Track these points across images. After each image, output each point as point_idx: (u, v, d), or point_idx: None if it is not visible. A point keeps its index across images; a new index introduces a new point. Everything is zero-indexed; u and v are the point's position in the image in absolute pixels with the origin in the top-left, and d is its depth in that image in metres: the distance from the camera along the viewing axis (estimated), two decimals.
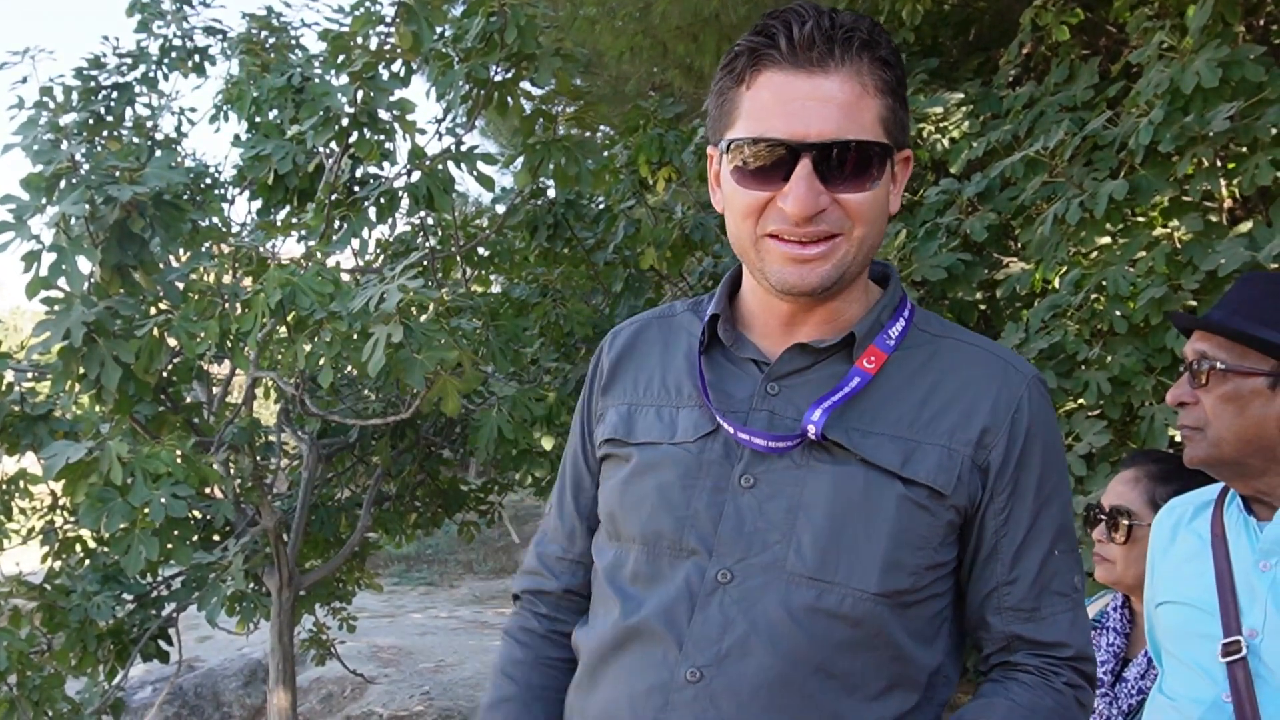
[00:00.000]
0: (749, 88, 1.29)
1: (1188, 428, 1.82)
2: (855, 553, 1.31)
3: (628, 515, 1.42)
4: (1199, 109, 3.59)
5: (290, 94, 4.46)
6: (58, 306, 3.72)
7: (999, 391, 1.37)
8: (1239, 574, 1.76)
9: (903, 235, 4.44)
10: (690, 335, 1.49)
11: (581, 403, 1.57)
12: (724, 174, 1.33)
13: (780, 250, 1.30)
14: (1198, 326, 1.84)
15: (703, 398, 1.40)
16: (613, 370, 1.53)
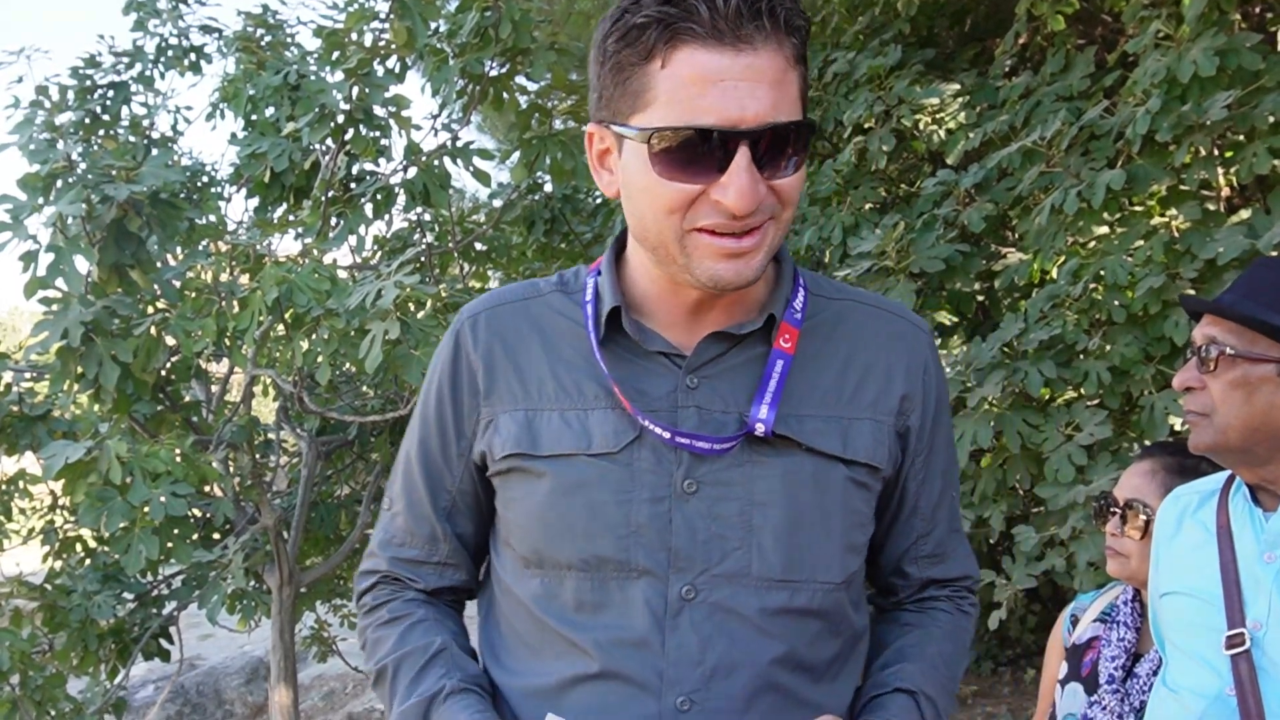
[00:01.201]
0: (664, 65, 1.13)
1: (1194, 413, 1.79)
2: (817, 546, 1.30)
3: (556, 541, 1.29)
4: (1196, 97, 3.58)
5: (286, 91, 4.45)
6: (55, 306, 3.72)
7: (909, 354, 1.38)
8: (1244, 565, 1.74)
9: (900, 226, 4.43)
10: (571, 322, 1.34)
11: (442, 399, 1.39)
12: (634, 162, 1.18)
13: (713, 246, 1.18)
14: (1207, 310, 1.81)
15: (619, 400, 1.28)
16: (488, 367, 1.35)
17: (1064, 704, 2.22)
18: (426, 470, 1.41)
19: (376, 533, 1.49)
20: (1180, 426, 3.56)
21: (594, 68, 1.22)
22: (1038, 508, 3.98)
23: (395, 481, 1.47)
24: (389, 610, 1.43)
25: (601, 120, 1.22)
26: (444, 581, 1.44)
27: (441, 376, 1.40)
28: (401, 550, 1.44)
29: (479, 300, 1.44)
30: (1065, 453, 3.64)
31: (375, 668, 1.40)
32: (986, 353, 3.93)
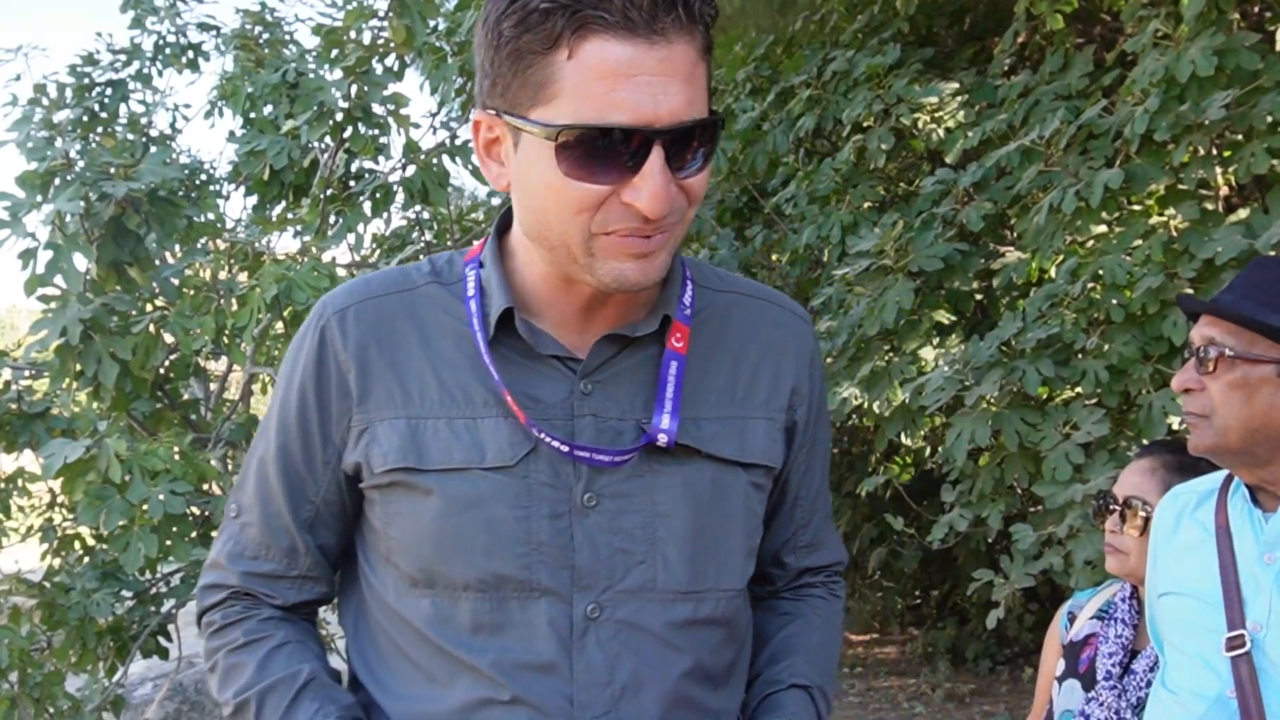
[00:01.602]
0: (572, 56, 1.04)
1: (1193, 414, 1.78)
2: (719, 554, 1.27)
3: (450, 560, 1.20)
4: (1194, 97, 3.58)
5: (285, 89, 4.45)
6: (54, 304, 3.71)
7: (797, 346, 1.35)
8: (1243, 566, 1.73)
9: (899, 225, 4.44)
10: (453, 319, 1.24)
11: (305, 402, 1.26)
12: (535, 158, 1.10)
13: (622, 247, 1.11)
14: (1206, 311, 1.80)
15: (511, 408, 1.19)
16: (361, 368, 1.23)
17: (1061, 701, 2.23)
18: (287, 479, 1.28)
19: (221, 542, 1.33)
20: (1178, 426, 3.56)
21: (484, 51, 1.12)
22: (1035, 506, 3.99)
23: (245, 488, 1.32)
24: (244, 632, 1.29)
25: (493, 109, 1.13)
26: (303, 596, 1.32)
27: (304, 377, 1.26)
28: (255, 564, 1.31)
29: (344, 291, 1.29)
30: (1063, 451, 3.64)
31: (234, 701, 1.26)
32: (984, 352, 3.94)
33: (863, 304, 4.47)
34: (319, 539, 1.31)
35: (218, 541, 1.34)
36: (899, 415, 4.35)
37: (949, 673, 7.21)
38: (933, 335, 4.52)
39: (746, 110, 5.94)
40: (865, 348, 4.56)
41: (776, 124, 5.68)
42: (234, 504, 1.34)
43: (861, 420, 4.93)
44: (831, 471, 5.61)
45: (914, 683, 7.22)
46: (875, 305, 4.37)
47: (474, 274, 1.25)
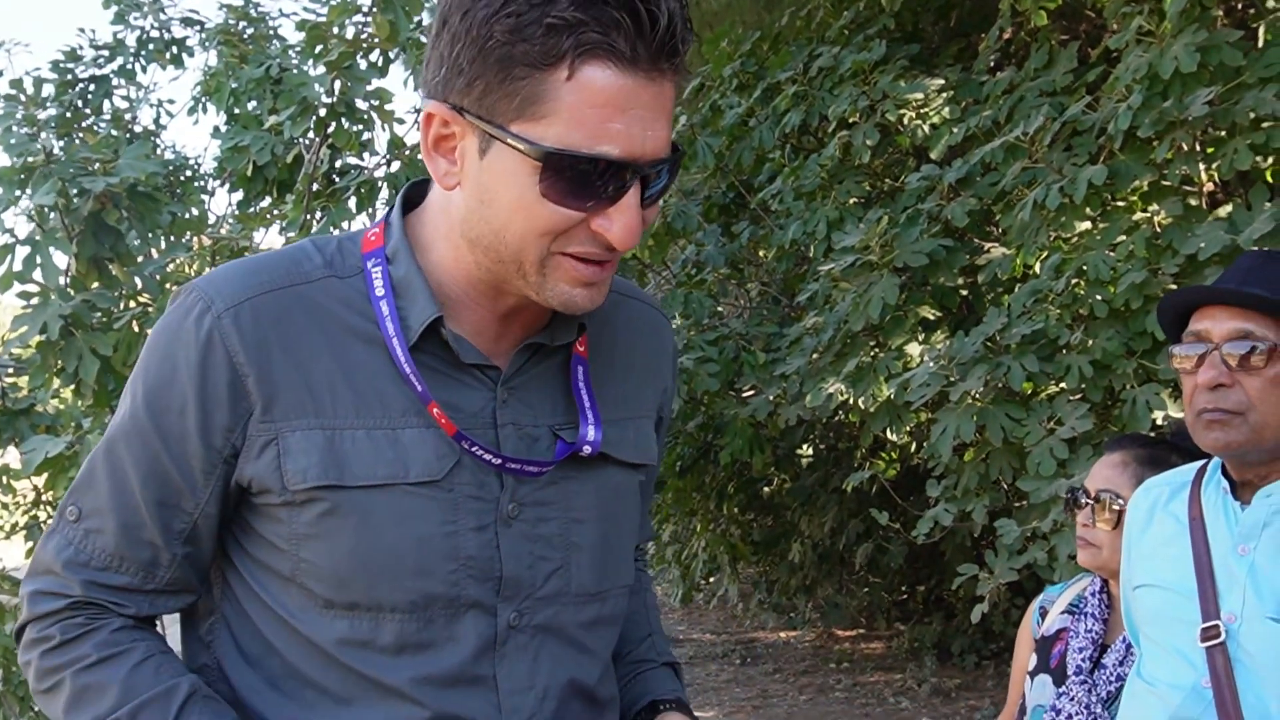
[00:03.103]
0: (570, 77, 1.01)
1: (1222, 411, 1.70)
2: (619, 553, 1.28)
3: (375, 584, 1.13)
4: (1177, 93, 3.59)
5: (268, 85, 4.44)
6: (34, 300, 3.70)
7: (664, 344, 1.36)
8: (1217, 558, 1.73)
9: (884, 221, 4.44)
10: (360, 319, 1.15)
11: (184, 406, 1.13)
12: (508, 172, 1.06)
13: (577, 272, 1.09)
14: (1241, 303, 1.72)
15: (433, 418, 1.14)
16: (263, 372, 1.12)
17: (1033, 695, 2.24)
18: (155, 490, 1.15)
19: (56, 547, 1.18)
20: (1162, 421, 3.58)
21: (458, 46, 1.04)
22: (1020, 501, 4.00)
23: (95, 491, 1.17)
24: (95, 646, 1.14)
25: (459, 107, 1.06)
26: (156, 609, 1.19)
27: (184, 378, 1.12)
28: (103, 575, 1.16)
29: (228, 280, 1.15)
30: (1047, 446, 3.65)
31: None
32: (969, 347, 3.95)
33: (848, 299, 4.48)
34: (191, 549, 1.18)
35: (49, 544, 1.18)
36: (884, 411, 4.36)
37: (935, 667, 7.23)
38: (918, 331, 4.53)
39: (733, 106, 5.94)
40: (851, 343, 4.57)
41: (763, 120, 5.69)
42: (73, 506, 1.18)
43: (847, 416, 4.94)
44: (817, 467, 5.65)
45: (900, 678, 7.24)
46: (861, 301, 4.37)
47: (380, 269, 1.16)
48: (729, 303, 6.65)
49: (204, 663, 1.22)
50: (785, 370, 4.84)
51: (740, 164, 5.89)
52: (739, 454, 5.60)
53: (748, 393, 5.55)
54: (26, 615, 1.18)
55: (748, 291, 6.70)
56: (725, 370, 5.25)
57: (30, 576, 1.19)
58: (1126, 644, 2.11)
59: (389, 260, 1.17)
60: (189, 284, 1.17)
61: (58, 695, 1.16)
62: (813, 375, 4.66)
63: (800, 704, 7.04)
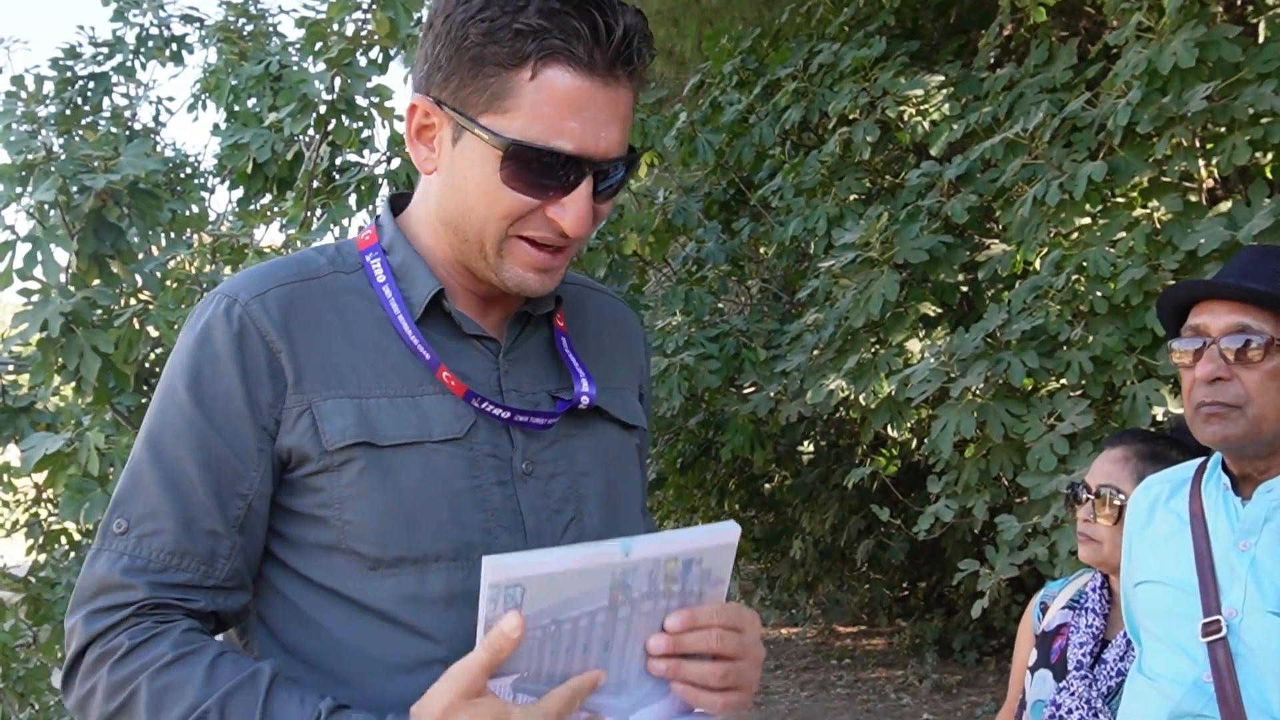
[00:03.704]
0: (534, 77, 1.14)
1: (1221, 405, 1.70)
2: (627, 509, 1.36)
3: (420, 532, 1.19)
4: (1176, 89, 3.60)
5: (268, 82, 4.44)
6: (35, 297, 3.70)
7: (636, 330, 1.49)
8: (1218, 553, 1.73)
9: (884, 218, 4.44)
10: (368, 303, 1.26)
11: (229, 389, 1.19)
12: (476, 159, 1.17)
13: (530, 256, 1.21)
14: (1242, 298, 1.72)
15: (446, 384, 1.23)
16: (292, 349, 1.21)
17: (1033, 690, 2.24)
18: (215, 475, 1.19)
19: (108, 563, 1.18)
20: (1161, 417, 3.58)
21: (438, 44, 1.18)
22: (1020, 497, 4.01)
23: (144, 496, 1.19)
24: (170, 645, 1.14)
25: (437, 100, 1.19)
26: (218, 606, 1.21)
27: (225, 365, 1.19)
28: (165, 575, 1.17)
29: (248, 280, 1.25)
30: (1048, 442, 3.65)
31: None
32: (970, 343, 3.95)
33: (849, 296, 4.48)
34: (247, 541, 1.21)
35: (96, 565, 1.18)
36: (885, 407, 4.36)
37: (936, 663, 7.24)
38: (918, 327, 4.53)
39: (733, 103, 5.94)
40: (851, 340, 4.57)
41: (763, 117, 5.69)
42: (119, 519, 1.19)
43: (848, 412, 4.94)
44: (818, 463, 5.64)
45: (901, 674, 7.24)
46: (861, 297, 4.38)
47: (379, 261, 1.28)
48: (730, 299, 6.65)
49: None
50: (786, 367, 4.84)
51: (740, 161, 5.89)
52: (740, 451, 5.61)
53: (749, 389, 5.55)
54: (82, 640, 1.16)
55: (748, 288, 6.71)
56: (726, 367, 5.26)
57: (78, 605, 1.18)
58: (1127, 639, 2.11)
59: (386, 252, 1.28)
60: (208, 294, 1.27)
61: (134, 704, 1.13)
62: (813, 372, 4.67)
63: (802, 700, 7.04)
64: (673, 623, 1.17)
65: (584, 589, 1.10)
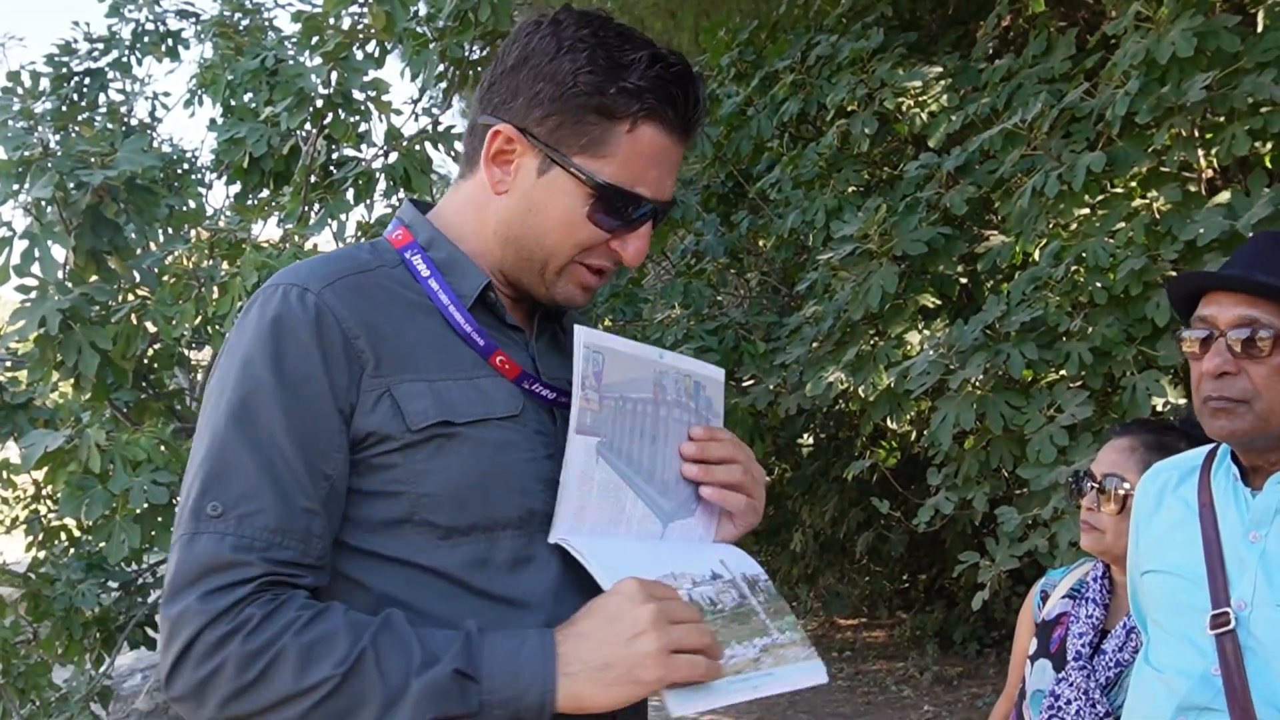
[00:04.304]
0: (630, 131, 1.30)
1: (1227, 399, 1.67)
2: None
3: (495, 500, 1.27)
4: (1175, 79, 3.59)
5: (264, 76, 4.43)
6: (33, 294, 3.69)
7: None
8: (1228, 544, 1.70)
9: (883, 209, 4.44)
10: (416, 296, 1.33)
11: (312, 372, 1.23)
12: (562, 192, 1.31)
13: (585, 279, 1.36)
14: (1246, 289, 1.68)
15: (496, 368, 1.33)
16: (369, 335, 1.26)
17: (1033, 680, 2.23)
18: (305, 455, 1.22)
19: (210, 545, 1.18)
20: (1162, 408, 3.58)
21: (541, 84, 1.30)
22: (1020, 489, 4.01)
23: (238, 477, 1.20)
24: (300, 609, 1.18)
25: (526, 131, 1.31)
26: (314, 583, 1.23)
27: (305, 346, 1.23)
28: (270, 553, 1.19)
29: (311, 271, 1.30)
30: (1047, 434, 3.65)
31: (338, 671, 1.14)
32: (969, 335, 3.94)
33: (847, 288, 4.48)
34: (330, 521, 1.25)
35: (196, 548, 1.18)
36: (884, 399, 4.36)
37: (937, 655, 7.24)
38: (917, 319, 4.53)
39: (731, 95, 5.93)
40: (850, 332, 4.57)
41: (761, 109, 5.68)
42: (213, 503, 1.20)
43: (847, 404, 4.95)
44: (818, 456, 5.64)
45: (902, 666, 7.25)
46: (860, 290, 4.37)
47: (419, 257, 1.36)
48: (728, 292, 6.64)
49: None
50: (785, 359, 4.83)
51: (739, 153, 5.88)
52: None
53: (748, 382, 5.54)
54: (199, 622, 1.15)
55: (747, 281, 6.70)
56: (725, 360, 5.25)
57: (184, 589, 1.17)
58: (1126, 629, 2.10)
59: (425, 249, 1.37)
60: (266, 285, 1.31)
61: (280, 666, 1.15)
62: (813, 364, 4.66)
63: (802, 692, 7.05)
64: (697, 432, 1.41)
65: (637, 375, 1.36)
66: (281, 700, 1.14)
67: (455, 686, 1.15)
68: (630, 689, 1.19)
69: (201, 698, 1.16)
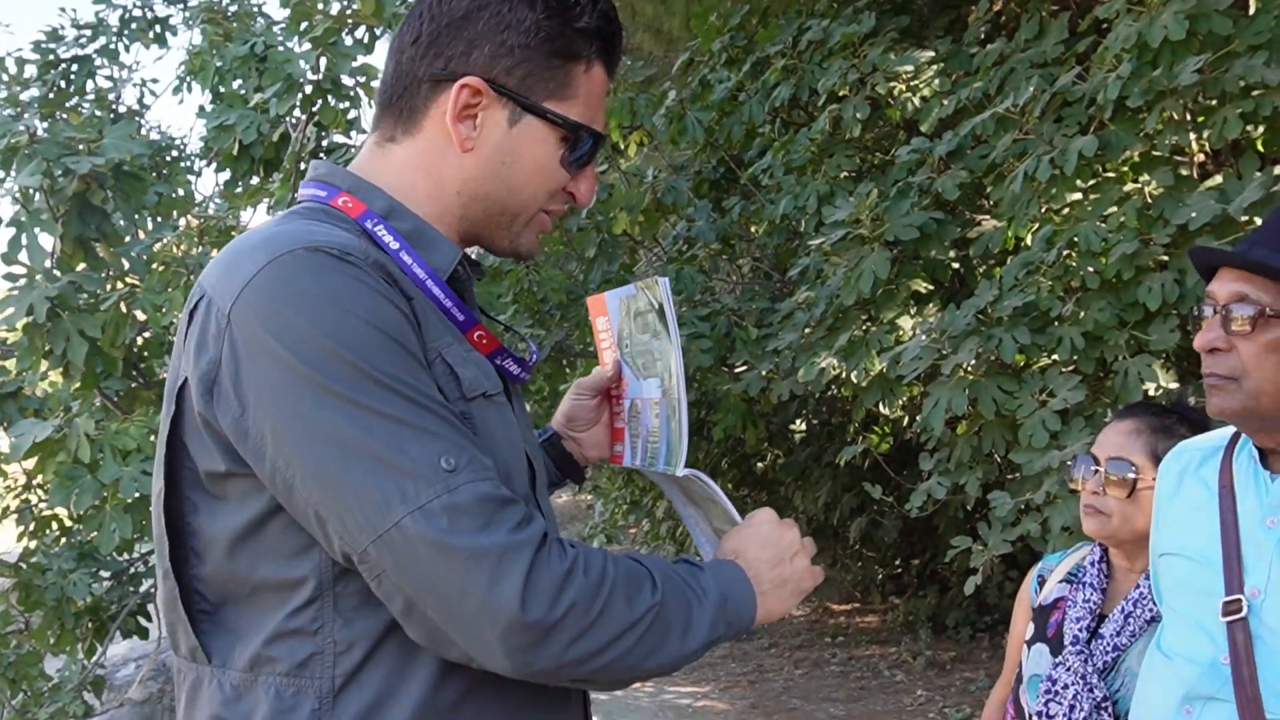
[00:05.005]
0: (587, 71, 1.32)
1: (1217, 376, 1.65)
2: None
3: (513, 477, 1.25)
4: (1167, 62, 3.58)
5: (253, 62, 4.40)
6: (20, 282, 3.67)
7: None
8: (1245, 529, 1.66)
9: (874, 194, 4.42)
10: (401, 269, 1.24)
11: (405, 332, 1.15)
12: (533, 139, 1.29)
13: (544, 225, 1.38)
14: (1238, 265, 1.66)
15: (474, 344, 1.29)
16: (411, 300, 1.20)
17: (1030, 664, 2.22)
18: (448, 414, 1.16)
19: (473, 487, 1.11)
20: (1154, 392, 3.58)
21: (507, 33, 1.27)
22: (1013, 474, 4.01)
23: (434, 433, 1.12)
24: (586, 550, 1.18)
25: (495, 83, 1.27)
26: None
27: (395, 304, 1.15)
28: (501, 489, 1.15)
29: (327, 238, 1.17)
30: (1039, 419, 3.65)
31: (657, 595, 1.18)
32: (961, 320, 3.94)
33: (839, 274, 4.47)
34: None
35: (461, 495, 1.10)
36: (877, 385, 4.36)
37: (930, 640, 7.26)
38: (909, 304, 4.52)
39: (722, 81, 5.90)
40: (843, 317, 4.56)
41: (752, 94, 5.66)
42: (446, 457, 1.11)
43: (839, 390, 4.94)
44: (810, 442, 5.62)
45: (895, 651, 7.27)
46: (852, 275, 4.36)
47: (383, 227, 1.25)
48: (720, 278, 6.63)
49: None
50: (777, 345, 4.83)
51: (730, 139, 5.86)
52: (732, 430, 5.60)
53: (740, 368, 5.54)
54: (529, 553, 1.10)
55: (739, 267, 6.69)
56: (717, 346, 5.24)
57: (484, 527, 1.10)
58: (1125, 614, 2.10)
59: (385, 218, 1.27)
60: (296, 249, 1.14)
61: (614, 598, 1.15)
62: (805, 350, 4.66)
63: (796, 678, 7.07)
64: None
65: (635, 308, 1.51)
66: (619, 634, 1.15)
67: (725, 610, 1.27)
68: (798, 599, 1.40)
69: (549, 638, 1.10)
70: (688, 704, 6.71)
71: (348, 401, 1.10)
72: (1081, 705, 2.02)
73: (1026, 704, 2.21)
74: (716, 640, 1.26)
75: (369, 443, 1.09)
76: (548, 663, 1.11)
